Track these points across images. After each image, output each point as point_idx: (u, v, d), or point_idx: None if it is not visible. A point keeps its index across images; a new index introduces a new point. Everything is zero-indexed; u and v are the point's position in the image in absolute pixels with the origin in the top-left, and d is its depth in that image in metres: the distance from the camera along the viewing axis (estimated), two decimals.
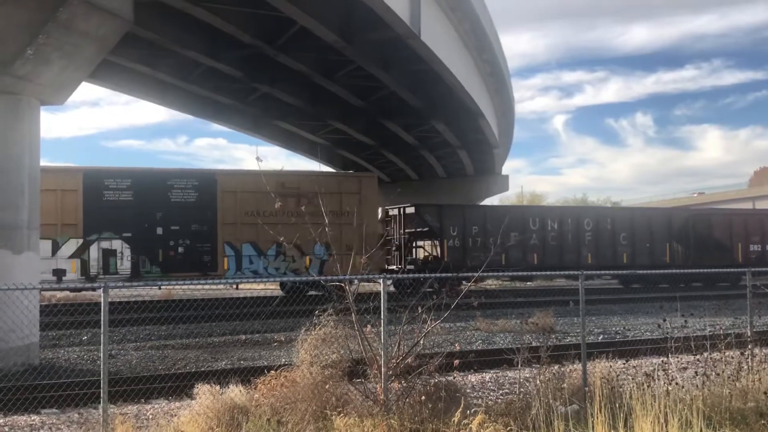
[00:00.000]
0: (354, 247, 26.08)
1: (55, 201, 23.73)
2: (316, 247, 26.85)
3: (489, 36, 27.68)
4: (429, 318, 8.89)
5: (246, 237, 26.37)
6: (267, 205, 25.56)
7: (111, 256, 24.75)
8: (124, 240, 24.83)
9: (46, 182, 21.92)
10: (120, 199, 24.81)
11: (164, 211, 25.39)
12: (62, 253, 24.04)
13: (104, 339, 7.95)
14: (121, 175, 25.30)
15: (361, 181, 29.21)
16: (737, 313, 16.48)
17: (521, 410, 8.32)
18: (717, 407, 8.18)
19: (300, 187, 26.87)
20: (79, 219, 24.17)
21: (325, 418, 8.00)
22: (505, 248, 31.04)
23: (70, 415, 9.99)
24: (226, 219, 26.20)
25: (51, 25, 12.49)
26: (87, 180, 24.46)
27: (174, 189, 25.72)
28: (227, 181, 26.53)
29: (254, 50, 22.68)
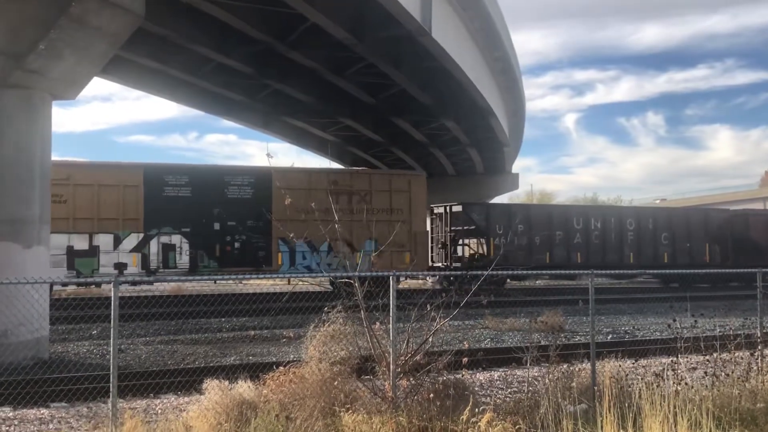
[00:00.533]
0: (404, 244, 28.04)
1: (117, 196, 24.49)
2: (367, 244, 27.00)
3: (500, 33, 27.63)
4: (438, 316, 8.89)
5: (299, 233, 26.04)
6: (320, 201, 24.82)
7: (170, 250, 25.36)
8: (182, 235, 25.42)
9: (108, 178, 24.24)
10: (179, 195, 25.38)
11: (221, 207, 25.85)
12: (123, 247, 24.64)
13: (114, 333, 7.97)
14: (180, 171, 25.84)
15: (410, 180, 29.71)
16: (747, 314, 16.42)
17: (530, 409, 8.31)
18: (726, 408, 8.16)
19: (352, 185, 27.85)
20: (140, 214, 24.74)
21: (334, 415, 8.00)
22: (549, 247, 32.18)
23: (79, 409, 10.03)
24: (280, 215, 25.56)
25: (63, 20, 12.52)
26: (148, 176, 25.04)
27: (231, 185, 26.26)
28: (281, 178, 26.51)
29: (265, 46, 22.70)
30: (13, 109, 13.21)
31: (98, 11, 12.91)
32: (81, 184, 24.08)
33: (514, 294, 29.81)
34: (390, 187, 28.82)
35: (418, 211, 29.49)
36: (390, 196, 28.58)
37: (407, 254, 28.60)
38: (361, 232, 26.71)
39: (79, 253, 24.07)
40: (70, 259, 23.95)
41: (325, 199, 24.56)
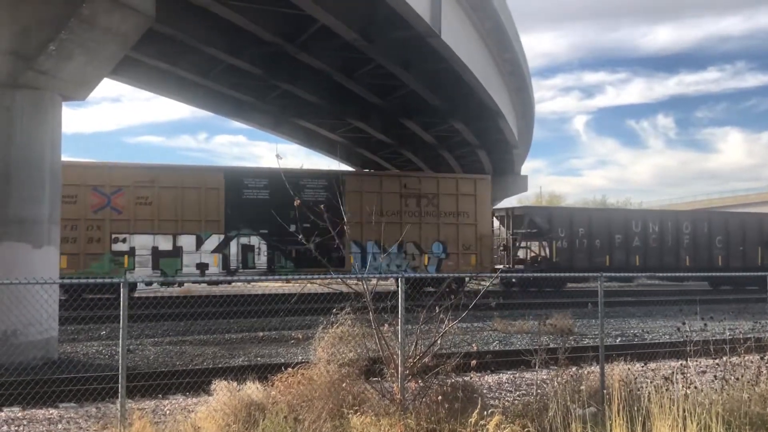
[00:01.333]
0: (470, 246, 29.03)
1: (199, 198, 25.35)
2: (435, 246, 28.61)
3: (510, 35, 27.59)
4: (446, 318, 8.88)
5: (370, 235, 27.31)
6: (389, 204, 27.85)
7: (249, 251, 26.11)
8: (260, 236, 26.13)
9: (191, 180, 25.28)
10: (258, 198, 26.19)
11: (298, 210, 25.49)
12: (205, 247, 25.43)
13: (123, 334, 7.99)
14: (259, 174, 26.68)
15: (476, 183, 30.30)
16: (757, 317, 16.37)
17: (538, 412, 8.29)
18: (736, 412, 8.12)
19: (421, 188, 28.75)
20: (221, 216, 25.55)
21: (342, 417, 8.00)
22: (609, 250, 33.19)
23: (88, 410, 10.06)
24: (353, 217, 26.37)
25: (74, 21, 12.57)
26: (228, 179, 25.92)
27: (306, 188, 27.02)
28: (353, 182, 28.00)
29: (275, 48, 22.70)
30: (23, 109, 13.26)
31: (109, 12, 12.95)
32: (165, 186, 24.89)
33: (522, 296, 29.81)
34: (457, 190, 29.57)
35: (484, 213, 30.17)
36: (457, 199, 29.35)
37: (473, 256, 29.35)
38: (429, 234, 28.50)
39: (163, 253, 24.85)
40: (155, 259, 24.70)
41: (396, 202, 27.52)
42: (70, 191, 22.81)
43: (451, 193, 29.39)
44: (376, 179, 28.64)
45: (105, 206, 24.17)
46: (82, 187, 23.88)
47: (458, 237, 28.99)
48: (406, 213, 28.17)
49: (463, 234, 29.09)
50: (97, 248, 23.97)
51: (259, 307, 21.25)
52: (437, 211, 28.95)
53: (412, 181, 29.02)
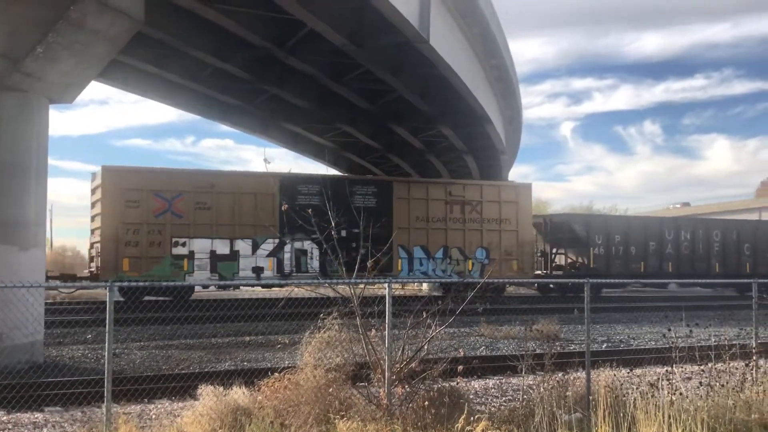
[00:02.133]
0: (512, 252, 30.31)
1: (254, 204, 26.25)
2: (478, 252, 29.78)
3: (498, 41, 27.67)
4: (433, 323, 8.89)
5: (417, 240, 28.85)
6: (435, 211, 29.09)
7: (302, 255, 27.17)
8: (313, 241, 26.68)
9: (246, 186, 26.25)
10: (310, 203, 26.11)
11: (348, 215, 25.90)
12: (261, 252, 26.38)
13: (109, 338, 7.97)
14: (311, 180, 27.57)
15: (518, 191, 31.39)
16: (742, 324, 16.44)
17: (524, 418, 8.31)
18: (721, 418, 8.16)
19: (465, 196, 29.85)
20: (275, 221, 26.05)
21: (328, 422, 8.00)
22: (644, 257, 34.47)
23: (73, 414, 10.01)
24: (400, 223, 28.47)
25: (62, 24, 12.52)
26: (283, 185, 26.84)
27: (356, 195, 28.19)
28: (401, 189, 29.00)
29: (263, 52, 22.70)
30: (10, 112, 13.20)
31: (98, 15, 12.91)
32: (223, 192, 25.73)
33: (509, 302, 29.89)
34: (499, 198, 30.61)
35: (525, 220, 31.11)
36: (499, 206, 30.42)
37: (515, 262, 30.50)
38: (473, 240, 29.67)
39: (221, 257, 25.74)
40: (213, 262, 25.62)
41: (441, 209, 28.78)
42: (133, 196, 24.29)
43: (494, 200, 30.44)
44: (423, 186, 29.73)
45: (166, 211, 24.99)
46: (144, 192, 24.70)
47: (500, 243, 30.16)
48: (450, 219, 29.40)
49: (505, 240, 30.26)
50: (158, 252, 24.79)
51: (246, 312, 21.20)
52: (480, 217, 30.05)
53: (457, 189, 30.07)
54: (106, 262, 24.21)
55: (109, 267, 24.09)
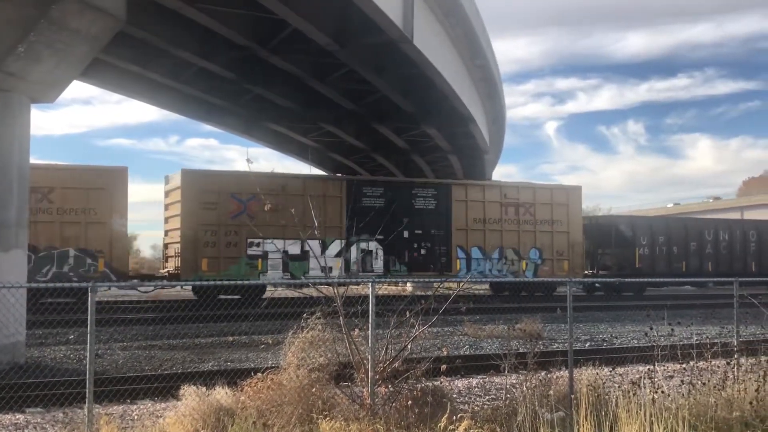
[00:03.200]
0: (563, 252, 31.53)
1: (324, 206, 27.16)
2: (532, 252, 30.98)
3: (481, 41, 27.73)
4: (417, 323, 8.89)
5: (474, 241, 29.95)
6: (491, 212, 30.25)
7: (368, 255, 28.29)
8: (377, 242, 28.07)
9: (315, 188, 27.50)
10: (375, 206, 28.24)
11: (410, 217, 28.75)
12: (329, 252, 27.40)
13: (90, 339, 7.93)
14: (376, 184, 29.24)
15: (568, 193, 32.37)
16: (724, 323, 16.53)
17: (507, 416, 8.32)
18: (702, 416, 8.20)
19: (519, 198, 30.96)
20: (342, 222, 27.40)
21: (311, 422, 7.99)
22: (686, 256, 35.85)
23: (55, 415, 9.96)
24: (458, 225, 29.76)
25: (43, 23, 12.44)
26: (349, 188, 28.12)
27: (417, 197, 29.38)
28: (459, 191, 30.02)
29: (247, 52, 22.64)
30: None
31: (79, 14, 12.84)
32: (293, 194, 26.46)
33: (492, 301, 30.00)
34: (551, 200, 31.62)
35: (575, 221, 32.25)
36: (551, 208, 31.48)
37: (566, 262, 31.66)
38: (527, 241, 30.87)
39: (293, 257, 26.73)
40: (285, 262, 26.73)
41: (497, 210, 29.94)
42: (211, 198, 25.41)
43: (546, 202, 31.44)
44: (480, 189, 30.64)
45: (241, 212, 25.90)
46: (222, 194, 25.72)
47: (552, 244, 31.34)
48: (506, 221, 30.52)
49: (556, 241, 31.40)
50: (234, 252, 25.77)
51: (230, 311, 21.14)
52: (534, 219, 31.15)
53: (512, 191, 31.02)
54: (186, 262, 25.10)
55: (189, 267, 25.03)
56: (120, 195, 24.56)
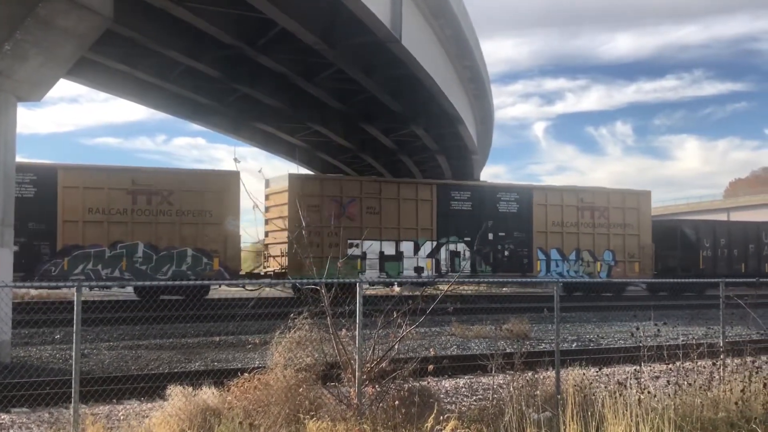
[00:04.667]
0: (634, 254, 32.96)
1: (415, 209, 28.98)
2: (606, 254, 32.41)
3: (470, 42, 27.77)
4: (404, 323, 8.89)
5: (553, 243, 31.48)
6: (568, 216, 31.67)
7: (456, 256, 29.71)
8: (465, 243, 29.74)
9: (408, 192, 29.24)
10: (462, 209, 29.86)
11: (494, 220, 30.34)
12: (421, 253, 29.05)
13: (76, 338, 7.89)
14: (463, 188, 30.59)
15: (639, 198, 33.86)
16: (710, 323, 16.62)
17: (494, 417, 8.33)
18: (688, 417, 8.22)
19: (594, 202, 32.41)
20: (433, 225, 29.22)
21: (298, 422, 7.97)
22: (745, 258, 37.20)
23: (40, 415, 9.91)
24: (538, 228, 31.24)
25: (30, 21, 12.38)
26: (439, 192, 29.62)
27: (501, 201, 30.82)
28: (539, 195, 31.52)
29: (235, 51, 22.61)
30: None
31: (66, 12, 12.79)
32: (388, 198, 28.58)
33: (480, 301, 30.06)
34: (623, 204, 33.11)
35: (645, 225, 33.65)
36: (623, 212, 32.95)
37: (637, 263, 33.10)
38: (601, 243, 32.37)
39: (388, 257, 28.43)
40: (381, 262, 28.34)
41: (574, 214, 31.27)
42: (313, 201, 26.97)
43: (619, 206, 32.96)
44: (558, 193, 32.09)
45: (341, 215, 27.55)
46: (324, 198, 27.43)
47: (624, 246, 32.83)
48: (582, 224, 32.00)
49: (628, 243, 32.89)
50: (335, 252, 25.24)
51: (217, 312, 21.09)
52: (608, 222, 32.63)
53: (588, 195, 32.52)
54: (292, 262, 26.23)
55: (295, 266, 26.02)
56: (233, 197, 25.98)
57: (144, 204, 25.00)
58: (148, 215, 25.00)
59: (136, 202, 24.91)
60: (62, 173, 24.26)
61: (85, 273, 24.13)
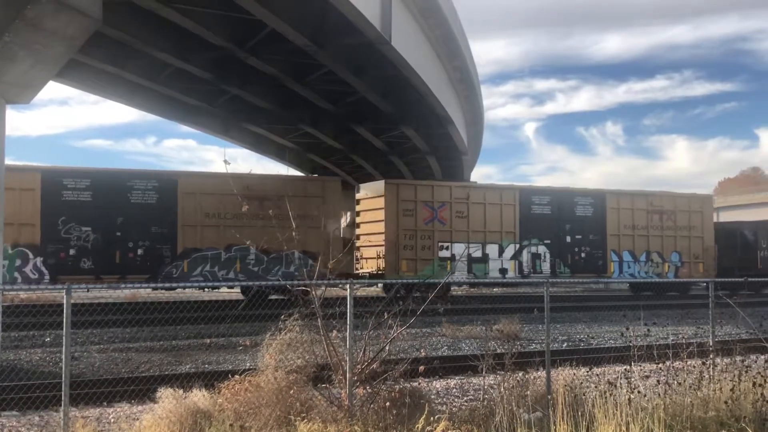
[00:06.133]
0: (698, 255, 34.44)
1: (499, 213, 30.15)
2: (673, 255, 33.97)
3: (459, 43, 27.81)
4: (395, 324, 8.89)
5: (625, 245, 32.89)
6: (639, 219, 33.22)
7: (537, 258, 31.02)
8: (545, 245, 31.16)
9: (492, 197, 30.34)
10: (542, 213, 31.19)
11: (572, 223, 31.83)
12: (505, 255, 30.23)
13: (66, 341, 7.87)
14: (543, 192, 31.91)
15: (703, 201, 35.62)
16: (700, 323, 16.65)
17: (485, 417, 8.34)
18: (678, 416, 8.25)
19: (662, 206, 33.92)
20: (516, 228, 30.45)
21: (289, 424, 7.97)
22: None
23: (30, 418, 9.88)
24: (612, 231, 32.71)
25: (18, 23, 12.33)
26: (521, 196, 30.92)
27: (578, 205, 32.22)
28: (612, 199, 33.03)
29: (224, 52, 22.59)
30: None
31: (55, 14, 12.73)
32: (475, 202, 29.74)
33: (470, 302, 30.13)
34: (689, 208, 34.60)
35: (708, 227, 35.24)
36: (689, 215, 34.43)
37: (701, 264, 34.64)
38: (669, 245, 33.96)
39: (475, 259, 29.63)
40: (469, 264, 29.59)
41: (644, 217, 33.62)
42: (408, 206, 28.39)
43: (685, 209, 34.43)
44: (629, 197, 33.63)
45: (433, 219, 28.85)
46: (417, 202, 28.62)
47: (690, 248, 34.34)
48: (651, 227, 33.52)
49: (693, 245, 34.43)
50: (427, 255, 28.66)
51: (207, 314, 21.06)
52: (675, 225, 34.13)
53: (657, 200, 34.02)
54: (389, 264, 27.94)
55: (392, 267, 27.84)
56: (334, 202, 28.43)
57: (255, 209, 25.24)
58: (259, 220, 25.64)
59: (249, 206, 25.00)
60: (182, 180, 25.93)
61: (203, 274, 25.87)
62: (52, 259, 23.97)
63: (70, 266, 24.16)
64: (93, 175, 24.74)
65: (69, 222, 24.16)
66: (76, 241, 24.29)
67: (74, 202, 24.21)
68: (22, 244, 23.58)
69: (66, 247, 24.19)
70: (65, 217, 24.13)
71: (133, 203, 24.83)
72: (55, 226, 24.03)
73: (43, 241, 23.87)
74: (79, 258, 24.35)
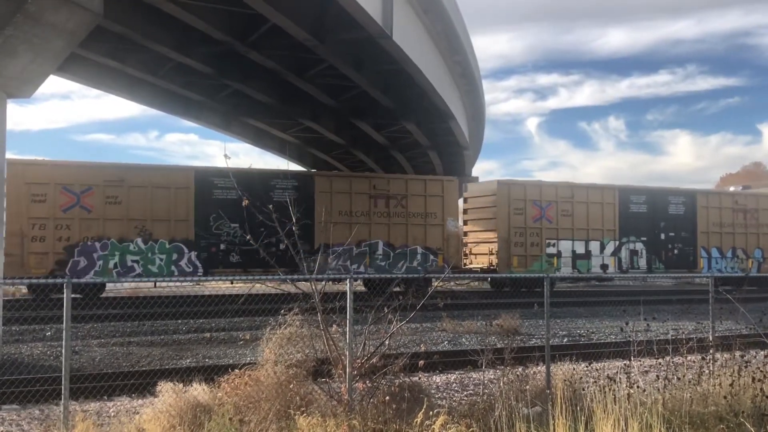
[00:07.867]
0: None
1: (600, 211, 32.21)
2: (756, 251, 36.14)
3: (461, 38, 27.75)
4: (395, 318, 8.90)
5: (713, 242, 35.07)
6: (726, 217, 35.35)
7: (635, 255, 33.05)
8: (642, 243, 33.22)
9: (594, 196, 32.28)
10: (639, 211, 33.17)
11: (665, 221, 33.74)
12: (606, 252, 32.20)
13: (66, 335, 7.89)
14: (640, 192, 33.75)
15: None
16: (700, 318, 16.67)
17: (484, 412, 8.36)
18: (677, 411, 8.26)
19: (746, 204, 36.05)
20: (616, 226, 32.46)
21: (288, 418, 7.98)
22: None
23: (31, 412, 9.91)
24: (702, 228, 34.71)
25: (19, 17, 12.34)
26: (620, 195, 32.74)
27: (671, 204, 34.18)
28: (702, 199, 34.90)
29: (225, 47, 22.54)
30: None
31: (55, 8, 12.74)
32: (579, 201, 31.76)
33: (471, 297, 30.16)
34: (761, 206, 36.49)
35: None
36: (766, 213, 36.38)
37: None
38: (752, 242, 36.11)
39: (579, 255, 31.59)
40: (573, 260, 31.42)
41: (729, 216, 35.54)
42: (518, 205, 30.34)
43: (766, 208, 36.55)
44: (717, 197, 35.98)
45: (541, 217, 30.85)
46: (527, 202, 30.49)
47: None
48: (736, 224, 35.60)
49: None
50: (536, 251, 30.61)
51: (207, 308, 21.09)
52: (757, 222, 36.22)
53: (741, 198, 36.34)
54: (502, 260, 29.92)
55: (504, 263, 29.78)
56: (452, 200, 30.12)
57: (382, 207, 28.69)
58: (386, 217, 28.36)
59: (377, 205, 28.71)
60: (317, 180, 28.56)
61: (336, 268, 27.34)
62: (205, 253, 25.37)
63: (220, 260, 25.55)
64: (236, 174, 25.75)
65: (219, 219, 25.52)
66: (225, 236, 25.67)
67: (224, 200, 25.74)
68: (178, 239, 25.01)
69: (217, 242, 25.57)
70: (215, 213, 25.53)
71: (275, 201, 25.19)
72: (207, 223, 25.48)
73: (197, 236, 25.23)
74: (228, 252, 25.72)
